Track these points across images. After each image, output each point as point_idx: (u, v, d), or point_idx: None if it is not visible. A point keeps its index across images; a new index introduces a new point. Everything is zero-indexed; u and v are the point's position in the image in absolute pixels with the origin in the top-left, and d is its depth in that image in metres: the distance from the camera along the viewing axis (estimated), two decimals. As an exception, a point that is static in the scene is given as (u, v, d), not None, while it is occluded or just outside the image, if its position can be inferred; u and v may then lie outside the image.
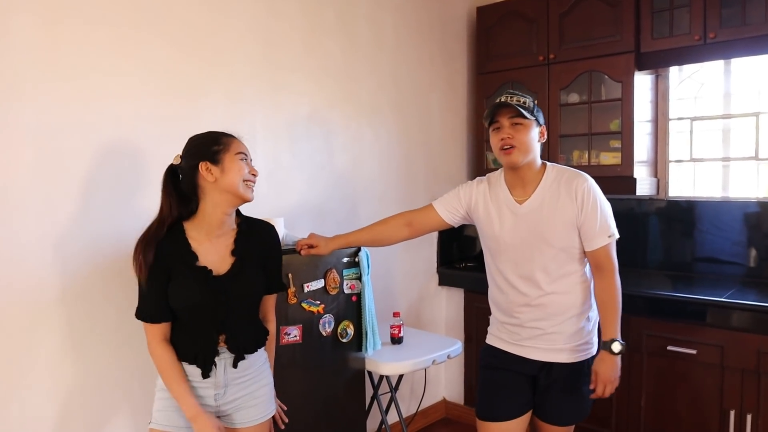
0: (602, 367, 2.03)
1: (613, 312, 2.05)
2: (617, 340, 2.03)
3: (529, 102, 2.05)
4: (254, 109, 2.67)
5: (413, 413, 3.40)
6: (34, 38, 1.98)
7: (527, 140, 2.03)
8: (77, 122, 2.09)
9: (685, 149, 3.34)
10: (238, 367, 1.79)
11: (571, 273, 2.06)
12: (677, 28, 2.97)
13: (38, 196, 2.01)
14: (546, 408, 2.13)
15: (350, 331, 2.51)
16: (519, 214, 2.07)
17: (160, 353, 1.72)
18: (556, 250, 2.03)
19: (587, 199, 2.00)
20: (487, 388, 2.19)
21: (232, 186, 1.73)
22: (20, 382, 1.99)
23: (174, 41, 2.36)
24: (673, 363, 2.79)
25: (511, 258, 2.10)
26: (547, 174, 2.09)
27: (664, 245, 3.37)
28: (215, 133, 1.79)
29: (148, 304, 1.72)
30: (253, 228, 1.87)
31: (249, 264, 1.80)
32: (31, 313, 2.00)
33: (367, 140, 3.22)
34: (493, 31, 3.63)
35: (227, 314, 1.75)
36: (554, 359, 2.08)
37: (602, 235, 2.02)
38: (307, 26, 2.88)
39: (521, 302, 2.09)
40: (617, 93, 3.19)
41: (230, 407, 1.81)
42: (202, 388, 1.76)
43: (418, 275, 3.61)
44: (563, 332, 2.07)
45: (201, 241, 1.76)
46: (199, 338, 1.74)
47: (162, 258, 1.70)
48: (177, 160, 1.77)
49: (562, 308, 2.06)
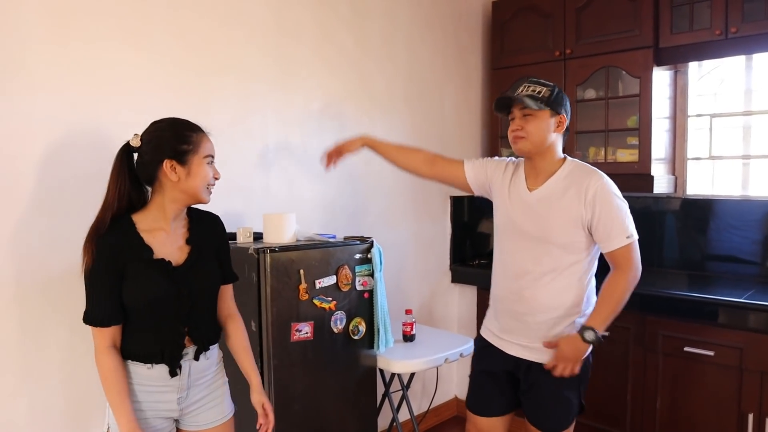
0: (565, 344, 1.97)
1: (607, 306, 1.98)
2: (595, 331, 1.94)
3: (545, 91, 2.01)
4: (266, 102, 2.64)
5: (425, 411, 3.38)
6: (43, 31, 1.97)
7: (536, 130, 2.00)
8: (85, 115, 2.08)
9: (704, 147, 3.28)
10: (200, 366, 1.73)
11: (566, 272, 2.01)
12: (698, 23, 2.91)
13: (47, 188, 2.00)
14: (530, 410, 2.11)
15: (362, 329, 2.49)
16: (526, 202, 2.06)
17: (107, 362, 1.60)
18: (556, 244, 1.99)
19: (599, 200, 1.95)
20: (474, 381, 2.26)
21: (194, 190, 1.66)
22: None
23: (184, 34, 2.34)
24: (690, 364, 2.74)
25: (510, 241, 2.11)
26: (563, 168, 2.05)
27: (681, 244, 3.31)
28: (182, 126, 1.67)
29: (97, 307, 1.60)
30: (201, 219, 1.80)
31: (204, 253, 1.75)
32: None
33: (379, 134, 3.17)
34: (508, 25, 3.58)
35: (191, 306, 1.69)
36: (530, 357, 2.05)
37: (619, 236, 1.95)
38: (321, 19, 2.85)
39: (509, 289, 2.09)
40: (635, 89, 3.13)
41: (193, 409, 1.74)
42: (165, 392, 1.68)
43: (430, 272, 3.57)
44: (542, 330, 2.03)
45: (153, 234, 1.66)
46: (163, 334, 1.66)
47: (113, 255, 1.59)
48: (136, 141, 1.64)
49: (545, 305, 2.02)
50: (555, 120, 2.02)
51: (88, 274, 1.60)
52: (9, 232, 1.93)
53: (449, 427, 3.62)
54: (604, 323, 1.98)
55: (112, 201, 1.62)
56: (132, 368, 1.65)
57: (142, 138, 1.65)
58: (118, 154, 1.65)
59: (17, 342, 1.98)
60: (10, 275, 1.95)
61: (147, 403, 1.66)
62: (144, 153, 1.64)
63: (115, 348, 1.63)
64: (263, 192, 2.66)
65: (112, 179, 1.64)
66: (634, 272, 1.98)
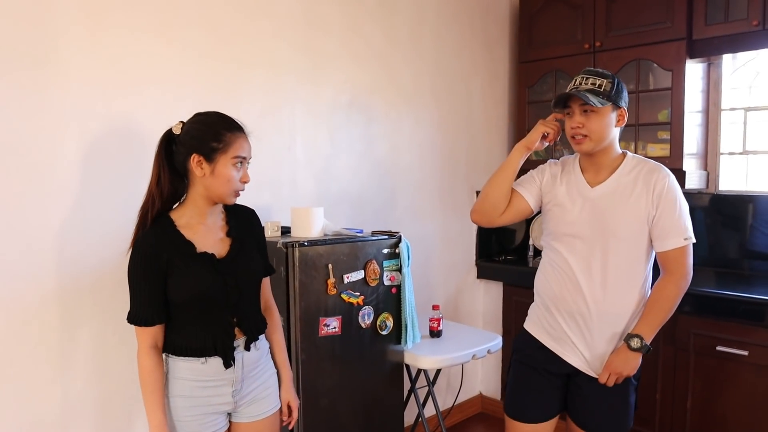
0: (614, 357, 1.89)
1: (657, 313, 1.88)
2: (641, 338, 1.85)
3: (606, 84, 1.88)
4: (295, 95, 2.63)
5: (449, 407, 3.36)
6: (75, 24, 1.97)
7: (599, 128, 1.89)
8: (117, 108, 2.08)
9: (738, 141, 3.20)
10: (251, 357, 1.73)
11: (631, 273, 1.91)
12: (733, 14, 2.84)
13: (80, 181, 2.01)
14: (581, 414, 1.98)
15: (389, 324, 2.47)
16: (588, 198, 1.94)
17: (147, 362, 1.61)
18: (621, 242, 1.89)
19: (665, 195, 1.86)
20: (518, 386, 2.09)
21: (217, 191, 1.64)
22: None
23: (215, 27, 2.33)
24: (723, 364, 2.68)
25: (572, 244, 1.96)
26: (625, 162, 1.95)
27: (712, 241, 3.24)
28: (220, 124, 1.65)
29: (141, 307, 1.61)
30: (238, 212, 1.80)
31: (246, 244, 1.75)
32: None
33: (407, 128, 3.17)
34: (536, 18, 3.53)
35: (237, 296, 1.69)
36: (589, 372, 1.94)
37: (677, 237, 1.86)
38: (348, 12, 2.83)
39: (576, 295, 1.94)
40: (666, 82, 3.07)
41: (246, 401, 1.75)
42: (220, 386, 1.68)
43: (456, 267, 3.55)
44: (605, 335, 1.92)
45: (193, 229, 1.66)
46: (213, 326, 1.66)
47: (154, 255, 1.59)
48: (177, 129, 1.64)
49: (614, 308, 1.91)
50: (616, 114, 1.92)
51: (131, 274, 1.62)
52: (45, 225, 1.94)
53: (474, 423, 3.60)
54: (652, 331, 1.87)
55: (153, 189, 1.64)
56: (184, 365, 1.66)
57: (183, 127, 1.65)
58: (160, 140, 1.66)
59: (56, 333, 1.99)
60: (51, 269, 1.96)
61: (201, 398, 1.67)
62: (179, 142, 1.64)
63: (156, 348, 1.64)
64: (291, 186, 2.65)
65: (154, 165, 1.66)
66: (686, 278, 1.89)
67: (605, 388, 1.91)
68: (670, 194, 1.87)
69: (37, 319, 1.94)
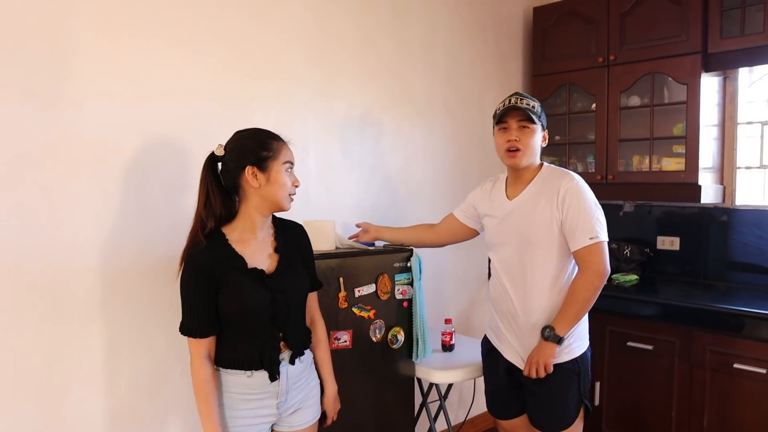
0: (533, 349, 2.11)
1: (569, 307, 2.06)
2: (553, 329, 2.05)
3: (537, 107, 2.12)
4: (307, 108, 2.64)
5: (461, 422, 3.32)
6: (90, 40, 1.99)
7: (532, 144, 2.11)
8: (132, 122, 2.10)
9: (755, 155, 3.17)
10: (296, 370, 1.77)
11: (549, 273, 2.09)
12: (749, 27, 2.82)
13: (95, 194, 2.02)
14: (528, 406, 2.22)
15: (401, 338, 2.46)
16: (507, 209, 2.17)
17: (202, 373, 1.65)
18: (536, 247, 2.09)
19: (568, 198, 2.04)
20: (488, 386, 2.38)
21: (274, 196, 1.70)
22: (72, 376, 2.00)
23: (226, 42, 2.35)
24: (741, 382, 2.63)
25: (499, 252, 2.21)
26: (540, 173, 2.16)
27: (729, 256, 3.20)
28: (264, 135, 1.73)
29: (194, 318, 1.65)
30: (286, 227, 1.86)
31: (293, 260, 1.79)
32: (82, 310, 2.02)
33: (419, 141, 3.17)
34: (549, 31, 3.53)
35: (284, 312, 1.73)
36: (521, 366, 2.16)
37: (583, 237, 2.02)
38: (362, 25, 2.85)
39: (505, 296, 2.18)
40: (681, 96, 3.05)
41: (290, 412, 1.80)
42: (265, 398, 1.73)
43: (469, 281, 3.53)
44: (534, 335, 2.11)
45: (244, 244, 1.72)
46: (260, 340, 1.70)
47: (208, 268, 1.64)
48: (220, 150, 1.71)
49: (536, 306, 2.11)
50: (543, 135, 2.17)
51: (184, 287, 1.66)
52: (60, 238, 1.95)
53: (486, 438, 3.56)
54: (565, 323, 2.05)
55: (202, 211, 1.69)
56: (231, 378, 1.70)
57: (225, 147, 1.70)
58: (204, 165, 1.71)
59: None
60: (66, 279, 1.98)
61: (246, 410, 1.71)
62: (227, 161, 1.70)
63: (210, 359, 1.68)
64: (303, 198, 2.64)
65: (201, 189, 1.71)
66: (598, 274, 2.03)
67: (543, 382, 2.10)
68: (573, 196, 2.04)
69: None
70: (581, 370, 2.13)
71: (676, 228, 3.38)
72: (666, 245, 3.41)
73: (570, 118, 3.51)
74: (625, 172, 3.28)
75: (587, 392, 2.16)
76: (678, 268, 3.38)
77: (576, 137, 3.51)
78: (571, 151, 3.55)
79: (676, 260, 3.38)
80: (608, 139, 3.30)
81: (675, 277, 3.39)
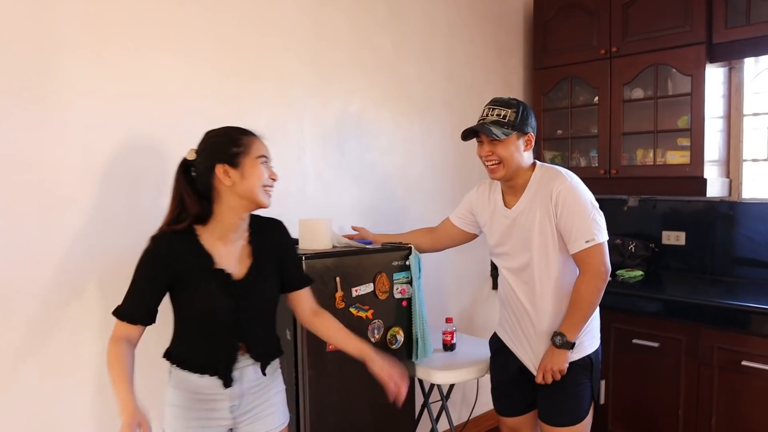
0: (544, 355, 2.10)
1: (574, 311, 2.05)
2: (563, 336, 2.04)
3: (510, 114, 2.05)
4: (303, 107, 2.60)
5: (464, 422, 3.28)
6: (78, 39, 1.95)
7: (507, 154, 2.06)
8: (121, 123, 2.06)
9: (762, 147, 3.10)
10: (254, 374, 1.69)
11: (554, 278, 2.08)
12: (755, 16, 2.75)
13: (83, 196, 1.99)
14: (540, 405, 2.20)
15: (400, 338, 2.41)
16: (508, 218, 2.15)
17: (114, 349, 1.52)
18: (539, 253, 2.07)
19: (561, 202, 2.01)
20: (495, 383, 2.37)
21: (250, 192, 1.61)
22: (65, 381, 1.97)
23: (222, 40, 2.31)
24: (749, 380, 2.58)
25: (505, 260, 2.20)
26: (533, 177, 2.12)
27: (736, 251, 3.14)
28: (235, 131, 1.65)
29: (130, 302, 1.57)
30: (264, 227, 1.76)
31: (266, 267, 1.71)
32: (71, 313, 1.99)
33: (418, 138, 3.12)
34: (550, 24, 3.47)
35: (249, 321, 1.65)
36: (535, 370, 2.14)
37: (579, 239, 2.00)
38: (357, 22, 2.80)
39: (517, 303, 2.18)
40: (686, 87, 2.99)
41: (247, 418, 1.71)
42: (217, 400, 1.65)
43: (470, 279, 3.48)
44: (544, 339, 2.11)
45: (214, 245, 1.64)
46: (217, 346, 1.64)
47: (169, 257, 1.57)
48: (191, 155, 1.63)
49: (547, 310, 2.10)
50: (523, 140, 2.09)
51: (136, 268, 1.59)
52: (46, 238, 1.92)
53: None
54: (573, 328, 2.04)
55: (172, 217, 1.62)
56: (184, 375, 1.64)
57: (197, 150, 1.64)
58: (177, 170, 1.65)
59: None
60: (49, 278, 1.94)
61: (198, 411, 1.64)
62: (198, 163, 1.62)
63: (129, 342, 1.56)
64: (300, 197, 2.61)
65: (173, 195, 1.64)
66: (599, 276, 2.01)
67: (554, 383, 2.09)
68: (567, 200, 2.01)
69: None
70: (593, 366, 2.13)
71: (681, 222, 3.32)
72: (671, 240, 3.35)
73: (572, 112, 3.45)
74: (628, 166, 3.22)
75: (597, 389, 2.16)
76: (684, 264, 3.32)
77: (578, 131, 3.46)
78: (573, 146, 3.49)
79: (682, 255, 3.32)
80: (611, 132, 3.24)
81: (681, 272, 3.33)
